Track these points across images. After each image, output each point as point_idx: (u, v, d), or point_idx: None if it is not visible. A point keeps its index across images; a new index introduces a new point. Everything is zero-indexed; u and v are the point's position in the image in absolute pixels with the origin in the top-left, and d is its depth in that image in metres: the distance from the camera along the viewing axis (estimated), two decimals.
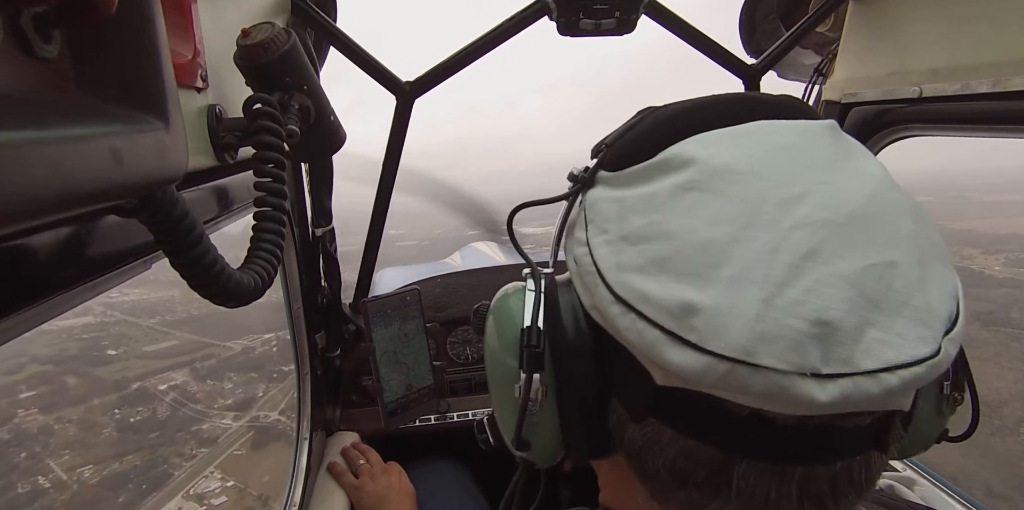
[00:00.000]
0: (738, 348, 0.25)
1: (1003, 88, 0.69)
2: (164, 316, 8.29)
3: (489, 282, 1.44)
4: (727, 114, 0.32)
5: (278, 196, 0.50)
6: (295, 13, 0.87)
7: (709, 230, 0.28)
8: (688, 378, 0.27)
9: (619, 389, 0.33)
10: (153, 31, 0.29)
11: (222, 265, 0.39)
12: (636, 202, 0.31)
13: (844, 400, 0.25)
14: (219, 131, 0.54)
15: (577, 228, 0.34)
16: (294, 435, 1.14)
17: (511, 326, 0.35)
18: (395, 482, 1.07)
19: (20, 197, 0.19)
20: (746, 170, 0.29)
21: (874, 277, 0.26)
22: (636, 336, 0.28)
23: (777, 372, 0.25)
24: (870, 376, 0.25)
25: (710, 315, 0.26)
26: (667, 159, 0.31)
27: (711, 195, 0.29)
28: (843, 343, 0.25)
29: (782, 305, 0.25)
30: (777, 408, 0.27)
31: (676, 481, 0.31)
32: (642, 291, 0.28)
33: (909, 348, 0.26)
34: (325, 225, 1.11)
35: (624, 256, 0.30)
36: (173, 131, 0.31)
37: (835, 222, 0.27)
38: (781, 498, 0.29)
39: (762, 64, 1.08)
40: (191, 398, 6.54)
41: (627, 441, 0.33)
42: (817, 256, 0.26)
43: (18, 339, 0.33)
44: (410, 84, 1.00)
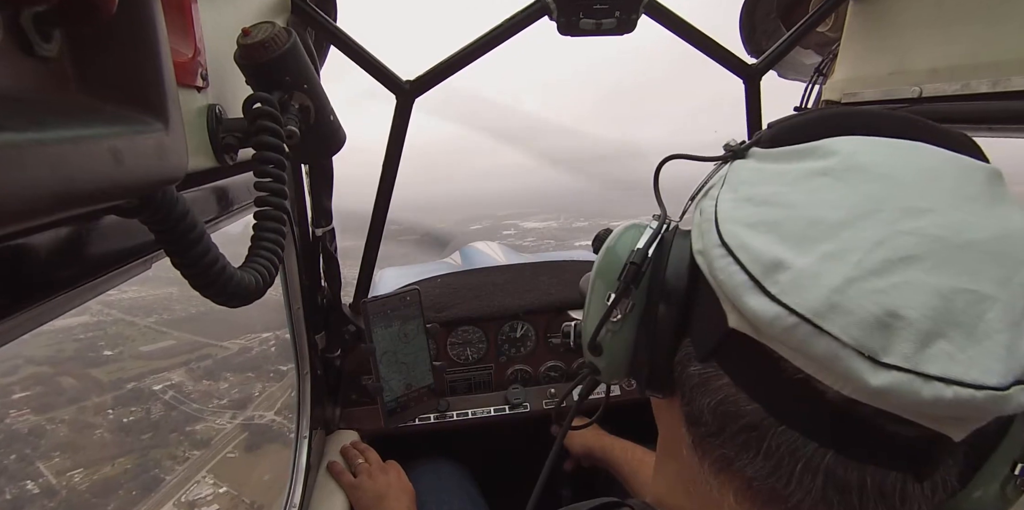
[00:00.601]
0: (810, 308, 0.27)
1: (1003, 88, 0.69)
2: (162, 315, 8.23)
3: (489, 282, 1.44)
4: (893, 128, 0.34)
5: (278, 196, 0.50)
6: (295, 13, 0.87)
7: (824, 210, 0.30)
8: (757, 324, 0.29)
9: (694, 329, 0.36)
10: (153, 31, 0.29)
11: (223, 264, 0.39)
12: (772, 174, 0.34)
13: (891, 392, 0.26)
14: (219, 131, 0.54)
15: (715, 188, 0.37)
16: (292, 435, 1.14)
17: (623, 249, 0.39)
18: (393, 480, 1.07)
19: (20, 197, 0.19)
20: (882, 173, 0.31)
21: (967, 301, 0.26)
22: (726, 276, 0.31)
23: (837, 341, 0.26)
24: (925, 379, 0.25)
25: (795, 275, 0.28)
26: (815, 147, 0.34)
27: (840, 183, 0.31)
28: (909, 341, 0.26)
29: (864, 288, 0.27)
30: (828, 379, 0.28)
31: (715, 425, 0.34)
32: (745, 241, 0.31)
33: (975, 372, 0.25)
34: (325, 225, 1.11)
35: (742, 212, 0.33)
36: (173, 131, 0.31)
37: (950, 242, 0.28)
38: (806, 475, 0.30)
39: (762, 64, 1.08)
40: (186, 399, 6.46)
41: (685, 377, 0.36)
42: (917, 262, 0.27)
43: (16, 340, 0.33)
44: (410, 83, 1.00)
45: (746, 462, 0.32)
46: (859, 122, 0.35)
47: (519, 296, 1.39)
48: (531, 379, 1.39)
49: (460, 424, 1.30)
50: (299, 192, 1.05)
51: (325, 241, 1.13)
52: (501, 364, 1.39)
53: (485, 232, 4.72)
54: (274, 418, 6.09)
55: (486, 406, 1.33)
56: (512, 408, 1.33)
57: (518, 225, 24.87)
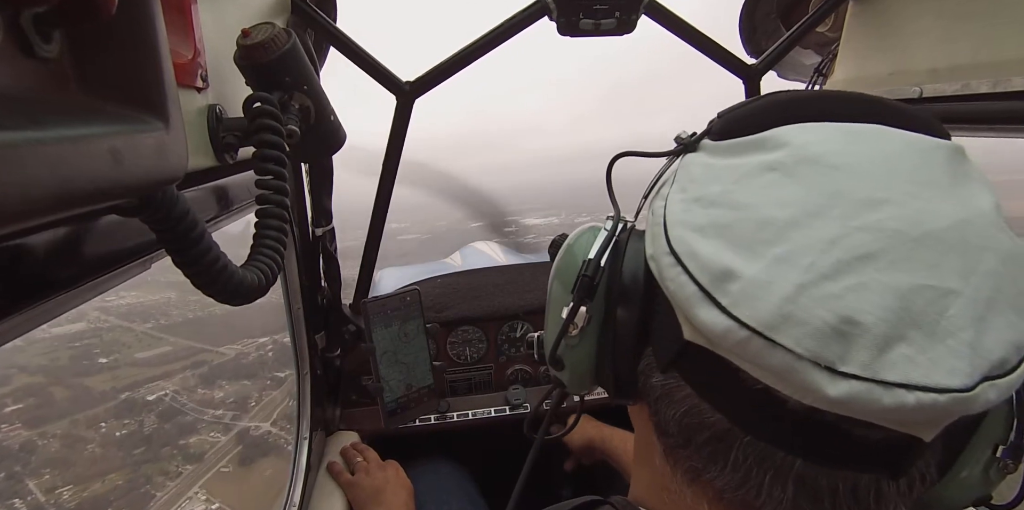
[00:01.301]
0: (761, 321, 0.26)
1: (1003, 88, 0.69)
2: (159, 320, 8.05)
3: (489, 282, 1.44)
4: (848, 111, 0.32)
5: (280, 194, 0.50)
6: (295, 13, 0.87)
7: (773, 210, 0.28)
8: (709, 337, 0.28)
9: (655, 338, 0.35)
10: (153, 31, 0.29)
11: (224, 263, 0.39)
12: (721, 171, 0.32)
13: (851, 401, 0.25)
14: (219, 131, 0.54)
15: (666, 185, 0.36)
16: (292, 438, 1.14)
17: (577, 257, 0.38)
18: (391, 475, 1.07)
19: (20, 197, 0.19)
20: (835, 164, 0.29)
21: (927, 298, 0.25)
22: (676, 287, 0.30)
23: (792, 354, 0.25)
24: (884, 387, 0.24)
25: (745, 285, 0.27)
26: (765, 138, 0.32)
27: (789, 179, 0.29)
28: (866, 347, 0.25)
29: (817, 294, 0.26)
30: (787, 390, 0.27)
31: (682, 437, 0.33)
32: (693, 248, 0.29)
33: (938, 375, 0.24)
34: (325, 225, 1.11)
35: (690, 215, 0.31)
36: (173, 131, 0.31)
37: (907, 235, 0.26)
38: (775, 485, 0.29)
39: (762, 64, 1.08)
40: (179, 410, 6.26)
41: (649, 388, 0.35)
42: (872, 261, 0.26)
43: (11, 348, 0.33)
44: (410, 84, 1.00)
45: (715, 474, 0.32)
46: (813, 107, 0.33)
47: (519, 296, 1.39)
48: (531, 379, 1.39)
49: (460, 425, 1.30)
50: (299, 192, 1.05)
51: (325, 241, 1.13)
52: (501, 364, 1.39)
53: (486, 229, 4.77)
54: (270, 429, 5.90)
55: (486, 407, 1.33)
56: (512, 409, 1.32)
57: (519, 222, 24.76)
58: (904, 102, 0.35)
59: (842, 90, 0.35)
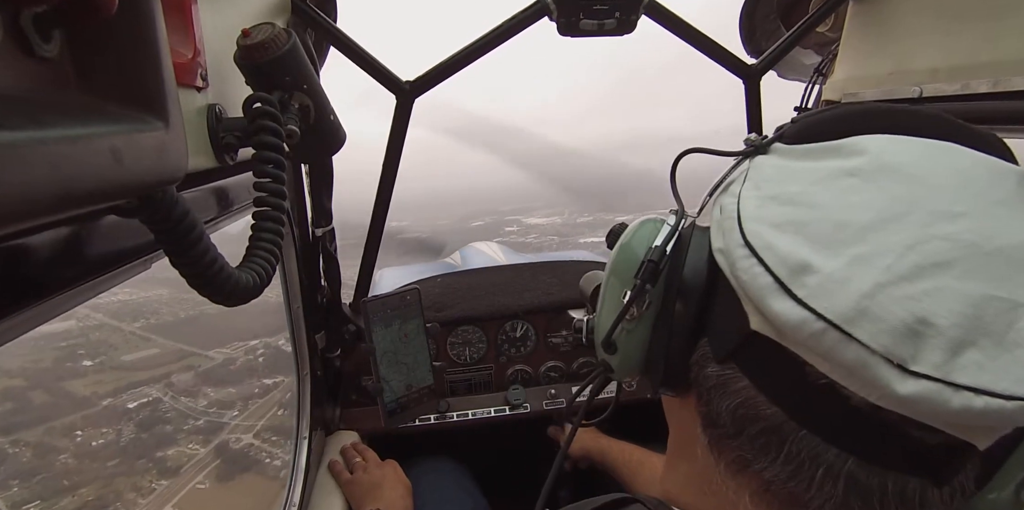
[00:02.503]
0: (839, 314, 0.26)
1: (1003, 88, 0.69)
2: (148, 319, 7.73)
3: (489, 282, 1.44)
4: (923, 127, 0.33)
5: (277, 196, 0.50)
6: (295, 13, 0.87)
7: (853, 212, 0.29)
8: (782, 328, 0.29)
9: (713, 329, 0.35)
10: (153, 31, 0.29)
11: (222, 264, 0.39)
12: (797, 172, 0.33)
13: (920, 401, 0.25)
14: (219, 130, 0.54)
15: (735, 184, 0.36)
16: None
17: (640, 245, 0.39)
18: (389, 472, 1.08)
19: (20, 197, 0.19)
20: (913, 174, 0.30)
21: (998, 309, 0.26)
22: (750, 278, 0.30)
23: (866, 349, 0.26)
24: (955, 389, 0.25)
25: (823, 278, 0.27)
26: (843, 145, 0.33)
27: (869, 185, 0.30)
28: (939, 349, 0.25)
29: (894, 294, 0.26)
30: (854, 386, 0.27)
31: (734, 428, 0.33)
32: (770, 241, 0.30)
33: (1006, 382, 0.25)
34: (325, 225, 1.11)
35: (766, 211, 0.32)
36: (173, 131, 0.31)
37: (981, 248, 0.27)
38: (827, 480, 0.30)
39: (762, 64, 1.08)
40: (160, 418, 5.93)
41: (702, 378, 0.35)
42: (948, 268, 0.27)
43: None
44: (410, 84, 1.00)
45: (765, 465, 0.32)
46: (887, 120, 0.34)
47: (519, 296, 1.39)
48: (531, 379, 1.39)
49: (460, 425, 1.30)
50: (299, 192, 1.05)
51: (325, 241, 1.13)
52: (501, 364, 1.38)
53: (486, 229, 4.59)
54: (252, 442, 5.55)
55: (486, 407, 1.33)
56: (512, 409, 1.32)
57: (521, 221, 24.52)
58: (904, 102, 0.36)
59: (917, 107, 0.37)
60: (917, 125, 0.33)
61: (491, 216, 24.25)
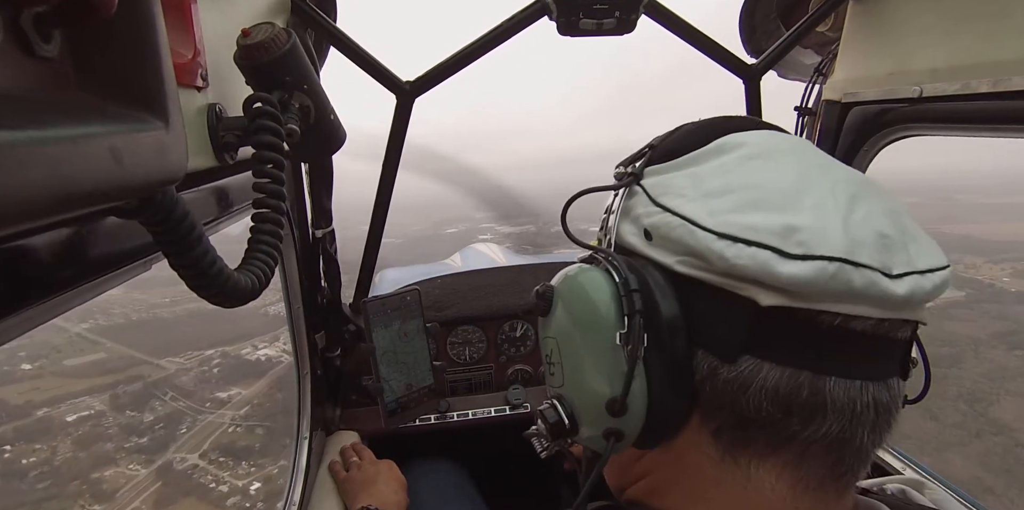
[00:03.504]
0: (841, 250, 0.31)
1: (1003, 88, 0.69)
2: (98, 320, 7.02)
3: (489, 283, 1.44)
4: (745, 125, 0.42)
5: (276, 197, 0.50)
6: (295, 13, 0.87)
7: (781, 181, 0.36)
8: (801, 286, 0.31)
9: (706, 337, 0.36)
10: (153, 31, 0.29)
11: (220, 266, 0.39)
12: (708, 171, 0.38)
13: (912, 294, 0.32)
14: (219, 130, 0.54)
15: (640, 206, 0.40)
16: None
17: (606, 294, 0.37)
18: (383, 469, 1.08)
19: (20, 198, 0.19)
20: (787, 149, 0.39)
21: (896, 216, 0.35)
22: (749, 260, 0.32)
23: (870, 269, 0.31)
24: (922, 275, 0.33)
25: (810, 231, 0.32)
26: (721, 144, 0.39)
27: (771, 162, 0.37)
28: (900, 251, 0.33)
29: (856, 222, 0.33)
30: (866, 310, 0.32)
31: (780, 410, 0.34)
32: (745, 223, 0.33)
33: (934, 259, 0.34)
34: (325, 226, 1.11)
35: (714, 205, 0.35)
36: (173, 131, 0.31)
37: (855, 181, 0.37)
38: (864, 410, 0.34)
39: (762, 64, 1.08)
40: (101, 435, 5.31)
41: (718, 388, 0.35)
42: (859, 199, 0.35)
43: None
44: (410, 84, 1.00)
45: (819, 423, 0.34)
46: (726, 124, 0.42)
47: (519, 296, 1.39)
48: (532, 379, 1.39)
49: (460, 424, 1.30)
50: (299, 193, 1.05)
51: (325, 242, 1.13)
52: (501, 364, 1.38)
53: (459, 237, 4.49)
54: (197, 463, 5.07)
55: (487, 406, 1.33)
56: (513, 409, 1.32)
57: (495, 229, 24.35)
58: (904, 102, 0.42)
59: (735, 115, 0.44)
60: (742, 124, 0.42)
61: (465, 223, 24.01)
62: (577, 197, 0.45)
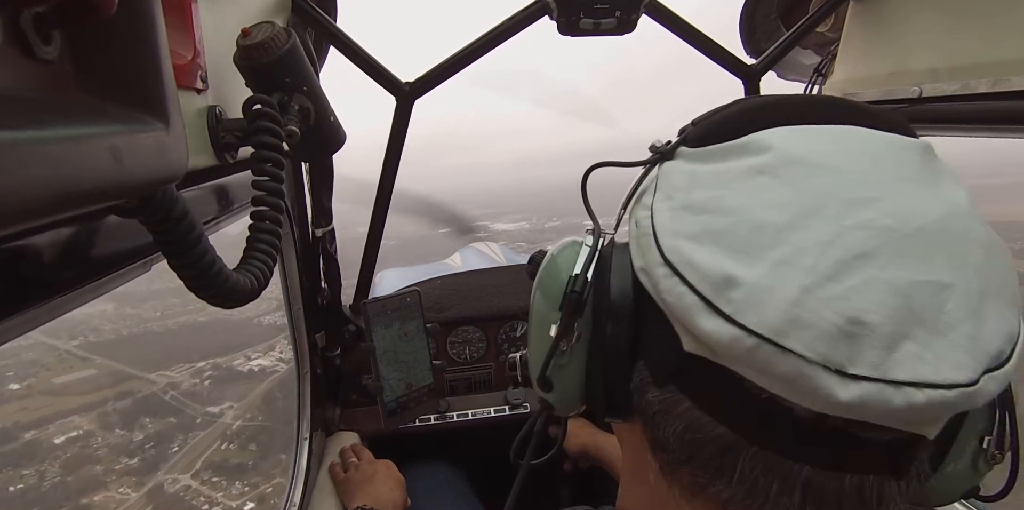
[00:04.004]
0: (769, 327, 0.26)
1: (1003, 88, 0.69)
2: (88, 336, 6.94)
3: (489, 283, 1.44)
4: (819, 114, 0.33)
5: (275, 196, 0.50)
6: (295, 13, 0.87)
7: (768, 212, 0.28)
8: (715, 347, 0.28)
9: (648, 352, 0.34)
10: (153, 31, 0.29)
11: (220, 266, 0.39)
12: (706, 177, 0.32)
13: (863, 405, 0.25)
14: (219, 131, 0.54)
15: (646, 195, 0.35)
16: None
17: (561, 273, 0.37)
18: (380, 468, 1.08)
19: (20, 197, 0.19)
20: (821, 164, 0.29)
21: (926, 294, 0.25)
22: (675, 299, 0.29)
23: (802, 359, 0.25)
24: (896, 387, 0.24)
25: (749, 290, 0.26)
26: (747, 143, 0.32)
27: (779, 181, 0.29)
28: (875, 348, 0.25)
29: (822, 296, 0.25)
30: (795, 398, 0.26)
31: (684, 453, 0.32)
32: (689, 257, 0.29)
33: (945, 371, 0.25)
34: (325, 225, 1.11)
35: (681, 223, 0.30)
36: (173, 131, 0.31)
37: (899, 231, 0.26)
38: (783, 493, 0.29)
39: (762, 64, 1.08)
40: (90, 456, 5.12)
41: (645, 404, 0.34)
42: (871, 259, 0.26)
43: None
44: (410, 84, 1.00)
45: (721, 487, 0.31)
46: (786, 111, 0.33)
47: (519, 296, 1.39)
48: None
49: (460, 424, 1.30)
50: (299, 192, 1.05)
51: (325, 242, 1.13)
52: (501, 364, 1.38)
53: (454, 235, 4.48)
54: (189, 484, 4.95)
55: (486, 406, 1.33)
56: (512, 408, 1.32)
57: (488, 227, 24.13)
58: (904, 102, 0.35)
59: (808, 94, 0.35)
60: (814, 112, 0.33)
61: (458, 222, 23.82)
62: (594, 169, 0.42)
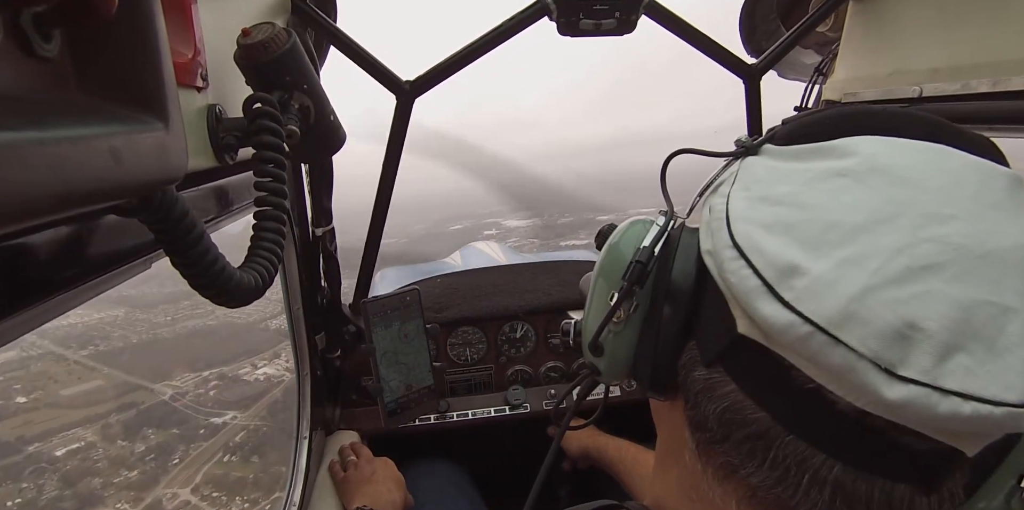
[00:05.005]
0: (825, 317, 0.26)
1: (1003, 88, 0.69)
2: (98, 345, 6.93)
3: (489, 282, 1.44)
4: (913, 129, 0.33)
5: (278, 195, 0.50)
6: (295, 13, 0.87)
7: (843, 213, 0.29)
8: (769, 331, 0.28)
9: (700, 332, 0.35)
10: (153, 31, 0.29)
11: (223, 264, 0.39)
12: (788, 173, 0.33)
13: (907, 407, 0.25)
14: (219, 131, 0.54)
15: (724, 185, 0.36)
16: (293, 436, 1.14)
17: (628, 246, 0.38)
18: (379, 467, 1.08)
19: (20, 197, 0.19)
20: (905, 176, 0.29)
21: (988, 313, 0.26)
22: (738, 280, 0.30)
23: (854, 353, 0.25)
24: (943, 394, 0.25)
25: (812, 281, 0.27)
26: (834, 146, 0.33)
27: (860, 186, 0.30)
28: (928, 353, 0.25)
29: (883, 297, 0.26)
30: (841, 391, 0.27)
31: (721, 432, 0.33)
32: (758, 243, 0.30)
33: (995, 388, 0.25)
34: (325, 225, 1.11)
35: (756, 212, 0.31)
36: (173, 131, 0.31)
37: (972, 251, 0.27)
38: (813, 486, 0.29)
39: (762, 64, 1.08)
40: (90, 469, 5.08)
41: (690, 382, 0.35)
42: (938, 272, 0.26)
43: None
44: (410, 84, 1.00)
45: (751, 470, 0.31)
46: (879, 122, 0.33)
47: (519, 296, 1.39)
48: (531, 380, 1.39)
49: (460, 425, 1.30)
50: (299, 192, 1.05)
51: (325, 241, 1.13)
52: (501, 365, 1.38)
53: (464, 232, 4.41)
54: (189, 499, 4.89)
55: (486, 407, 1.33)
56: (512, 409, 1.32)
57: (500, 223, 24.04)
58: (904, 102, 0.35)
59: (909, 109, 0.36)
60: (909, 127, 0.33)
61: (469, 220, 23.66)
62: (676, 154, 0.43)
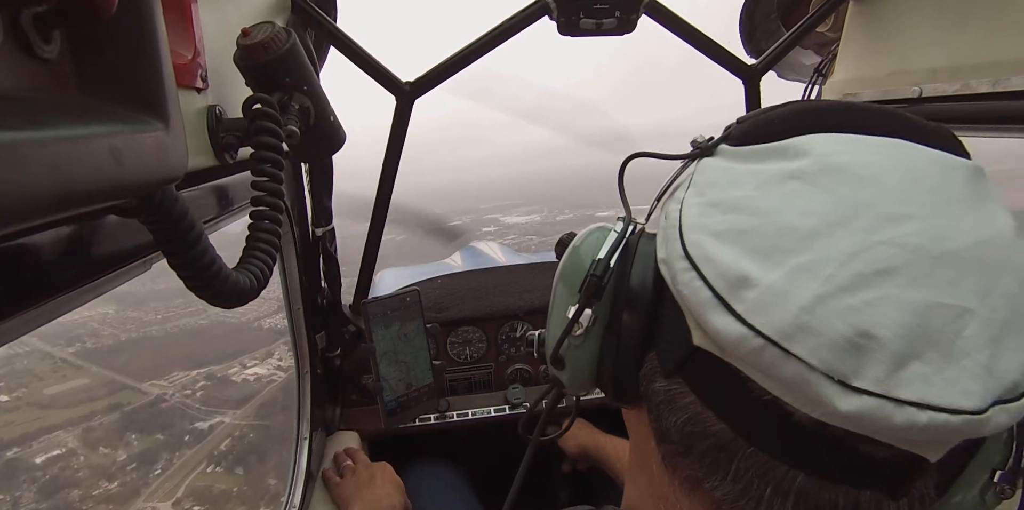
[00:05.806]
0: (777, 330, 0.26)
1: (1003, 88, 0.69)
2: (85, 343, 6.78)
3: (489, 282, 1.45)
4: (868, 123, 0.32)
5: (275, 196, 0.50)
6: (295, 13, 0.87)
7: (795, 218, 0.28)
8: (721, 344, 0.28)
9: (660, 342, 0.34)
10: (153, 31, 0.29)
11: (220, 265, 0.39)
12: (742, 176, 0.32)
13: (862, 418, 0.25)
14: (219, 131, 0.54)
15: (680, 188, 0.35)
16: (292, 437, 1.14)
17: (586, 256, 0.38)
18: (377, 472, 1.08)
19: (20, 197, 0.19)
20: (859, 175, 0.29)
21: (945, 317, 0.25)
22: (690, 292, 0.29)
23: (805, 365, 0.25)
24: (898, 405, 0.24)
25: (762, 292, 0.26)
26: (787, 146, 0.32)
27: (812, 188, 0.29)
28: (881, 363, 0.24)
29: (835, 306, 0.25)
30: (796, 403, 0.26)
31: (683, 445, 0.32)
32: (709, 253, 0.29)
33: (951, 396, 0.24)
34: (325, 225, 1.11)
35: (708, 219, 0.31)
36: (173, 131, 0.31)
37: (928, 252, 0.26)
38: (776, 498, 0.29)
39: (762, 64, 1.09)
40: (69, 478, 4.86)
41: (651, 393, 0.34)
42: (892, 276, 0.25)
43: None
44: (410, 84, 1.00)
45: (715, 484, 0.31)
46: (835, 118, 0.33)
47: (519, 296, 1.39)
48: (531, 379, 1.39)
49: (460, 424, 1.30)
50: (299, 192, 1.05)
51: (325, 241, 1.13)
52: (501, 364, 1.39)
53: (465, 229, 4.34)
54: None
55: (486, 406, 1.33)
56: (512, 408, 1.33)
57: (499, 220, 23.88)
58: (903, 102, 0.35)
59: (866, 102, 0.35)
60: (866, 122, 0.32)
61: (469, 215, 23.55)
62: (632, 158, 0.42)
